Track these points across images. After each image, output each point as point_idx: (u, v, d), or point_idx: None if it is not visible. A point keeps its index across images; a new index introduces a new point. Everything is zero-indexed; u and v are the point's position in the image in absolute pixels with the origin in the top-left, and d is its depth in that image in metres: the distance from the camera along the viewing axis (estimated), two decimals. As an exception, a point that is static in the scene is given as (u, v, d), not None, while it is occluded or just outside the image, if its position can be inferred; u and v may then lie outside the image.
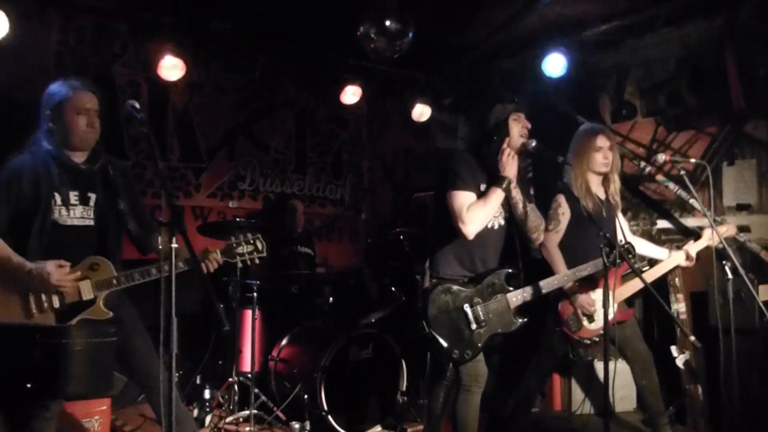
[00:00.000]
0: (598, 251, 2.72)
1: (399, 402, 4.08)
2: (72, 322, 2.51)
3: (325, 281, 4.70)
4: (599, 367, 4.25)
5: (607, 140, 3.37)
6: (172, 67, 4.58)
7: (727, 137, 4.37)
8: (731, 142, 4.35)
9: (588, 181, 3.34)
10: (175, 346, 2.14)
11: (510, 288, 2.94)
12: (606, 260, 2.69)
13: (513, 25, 4.68)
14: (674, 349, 4.10)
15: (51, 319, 2.48)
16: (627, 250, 2.89)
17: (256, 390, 4.00)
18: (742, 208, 4.24)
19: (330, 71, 5.55)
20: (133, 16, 4.68)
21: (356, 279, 5.07)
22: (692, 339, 3.72)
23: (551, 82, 4.85)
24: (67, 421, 3.16)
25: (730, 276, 3.21)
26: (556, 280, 3.08)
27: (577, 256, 3.19)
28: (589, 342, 3.32)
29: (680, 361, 4.06)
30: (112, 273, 2.57)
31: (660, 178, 4.61)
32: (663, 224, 4.63)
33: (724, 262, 3.22)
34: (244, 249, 2.73)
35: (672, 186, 4.54)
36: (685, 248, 3.44)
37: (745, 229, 4.08)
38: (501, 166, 2.87)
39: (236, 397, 4.11)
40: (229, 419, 3.98)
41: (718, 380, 3.40)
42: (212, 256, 2.68)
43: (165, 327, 2.11)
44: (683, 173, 3.25)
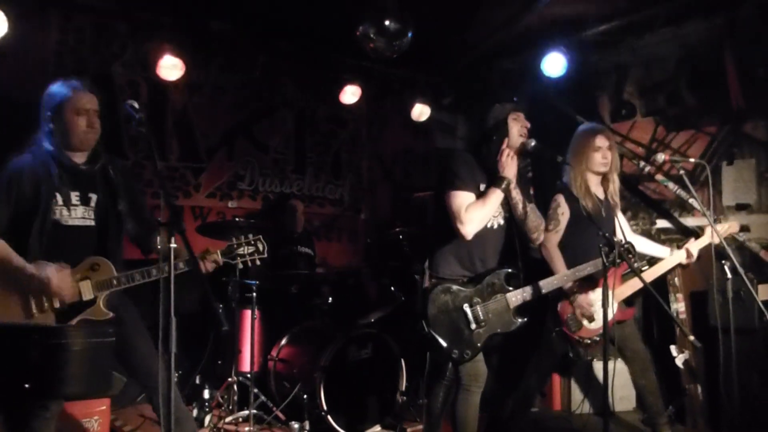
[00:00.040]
0: (598, 251, 2.73)
1: (398, 402, 4.08)
2: (72, 322, 2.51)
3: (324, 281, 4.69)
4: (598, 367, 4.24)
5: (606, 140, 3.37)
6: (171, 67, 4.58)
7: (727, 137, 4.37)
8: (730, 141, 4.35)
9: (587, 181, 3.34)
10: (174, 345, 2.14)
11: (509, 288, 2.94)
12: (605, 260, 2.69)
13: (512, 25, 4.69)
14: (674, 348, 4.11)
15: (51, 320, 2.48)
16: (627, 250, 2.89)
17: (256, 390, 3.99)
18: (741, 207, 4.25)
19: (329, 71, 5.55)
20: (133, 16, 4.68)
21: (355, 279, 5.07)
22: (692, 338, 3.71)
23: (551, 81, 4.85)
24: (66, 421, 3.15)
25: (730, 275, 3.21)
26: (556, 280, 3.08)
27: (577, 255, 3.19)
28: (590, 342, 3.31)
29: (680, 361, 4.07)
30: (113, 273, 2.58)
31: (659, 177, 4.61)
32: (662, 224, 4.63)
33: (724, 262, 3.21)
34: (245, 250, 2.73)
35: (671, 185, 4.55)
36: (686, 247, 3.44)
37: (744, 229, 4.08)
38: (500, 166, 2.87)
39: (235, 397, 4.10)
40: (228, 419, 3.97)
41: (717, 380, 3.40)
42: (212, 257, 2.68)
43: (164, 327, 2.11)
44: (683, 173, 3.24)
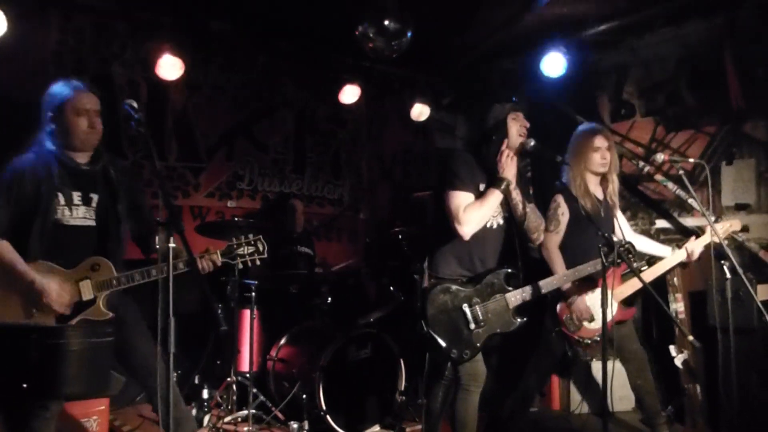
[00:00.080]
0: (597, 251, 2.73)
1: (398, 402, 4.08)
2: (72, 322, 2.52)
3: (323, 281, 4.69)
4: (597, 367, 4.24)
5: (605, 140, 3.36)
6: (171, 67, 4.57)
7: (726, 137, 4.37)
8: (730, 141, 4.35)
9: (586, 181, 3.34)
10: (172, 345, 2.14)
11: (509, 288, 2.94)
12: (604, 260, 2.69)
13: (512, 25, 4.68)
14: (673, 348, 4.11)
15: (51, 319, 2.48)
16: (627, 250, 2.89)
17: (255, 390, 3.99)
18: (740, 207, 4.25)
19: (329, 71, 5.54)
20: (133, 16, 4.67)
21: (355, 279, 5.06)
22: (691, 338, 3.70)
23: (550, 81, 4.85)
24: (65, 421, 3.15)
25: (729, 275, 3.21)
26: (556, 280, 3.08)
27: (577, 256, 3.19)
28: (589, 342, 3.31)
29: (679, 361, 4.07)
30: (113, 273, 2.58)
31: (659, 177, 4.61)
32: (662, 224, 4.63)
33: (723, 262, 3.21)
34: (245, 250, 2.72)
35: (671, 185, 4.54)
36: (685, 246, 3.42)
37: (743, 229, 4.08)
38: (500, 167, 2.86)
39: (235, 397, 4.10)
40: (227, 419, 3.97)
41: (716, 380, 3.40)
42: (211, 257, 2.68)
43: (163, 326, 2.11)
44: (682, 173, 3.24)
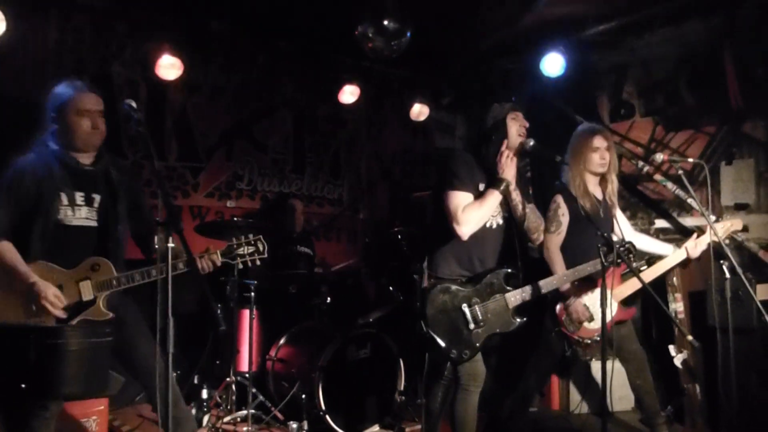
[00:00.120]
0: (597, 251, 2.72)
1: (397, 401, 4.08)
2: (72, 323, 2.51)
3: (323, 281, 4.69)
4: (597, 367, 4.24)
5: (604, 141, 3.35)
6: (170, 67, 4.57)
7: (726, 137, 4.37)
8: (729, 141, 4.35)
9: (585, 181, 3.33)
10: (171, 345, 2.14)
11: (508, 288, 2.94)
12: (604, 260, 2.69)
13: (512, 25, 4.68)
14: (672, 348, 4.11)
15: (51, 320, 2.48)
16: (627, 250, 2.88)
17: (254, 390, 3.99)
18: (740, 207, 4.25)
19: (329, 71, 5.54)
20: (132, 16, 4.67)
21: (354, 279, 5.06)
22: (690, 338, 3.70)
23: (550, 81, 4.85)
24: (65, 421, 3.15)
25: (728, 275, 3.20)
26: (556, 280, 3.08)
27: (576, 256, 3.18)
28: (589, 342, 3.31)
29: (678, 361, 4.07)
30: (113, 274, 2.58)
31: (658, 177, 4.61)
32: (661, 224, 4.63)
33: (722, 262, 3.21)
34: (245, 250, 2.72)
35: (670, 185, 4.55)
36: (684, 246, 3.41)
37: (743, 229, 4.08)
38: (499, 168, 2.86)
39: (234, 397, 4.09)
40: (226, 419, 3.97)
41: (716, 379, 3.41)
42: (211, 257, 2.67)
43: (162, 326, 2.11)
44: (681, 173, 3.24)
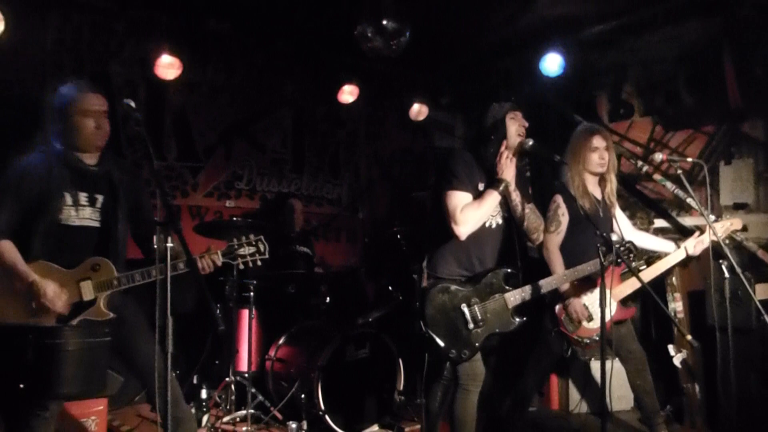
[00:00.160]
0: (596, 251, 2.72)
1: (396, 401, 4.07)
2: (73, 323, 2.51)
3: (322, 281, 4.69)
4: (596, 367, 4.24)
5: (603, 140, 3.36)
6: (169, 66, 4.58)
7: (725, 136, 4.37)
8: (728, 141, 4.35)
9: (584, 181, 3.34)
10: (170, 345, 2.14)
11: (508, 287, 2.94)
12: (603, 260, 2.69)
13: (511, 25, 4.68)
14: (671, 348, 4.11)
15: (50, 319, 2.48)
16: (628, 249, 2.88)
17: (253, 390, 3.98)
18: (739, 207, 4.25)
19: (328, 70, 5.54)
20: (131, 15, 4.67)
21: (353, 278, 5.06)
22: (689, 338, 3.71)
23: (549, 81, 4.85)
24: (65, 421, 3.15)
25: (727, 275, 3.20)
26: (555, 280, 3.08)
27: (576, 256, 3.18)
28: (588, 341, 3.31)
29: (677, 360, 4.07)
30: (113, 274, 2.57)
31: (657, 177, 4.61)
32: (660, 223, 4.63)
33: (722, 261, 3.21)
34: (246, 250, 2.71)
35: (669, 185, 4.54)
36: (684, 244, 3.41)
37: (742, 229, 4.08)
38: (499, 168, 2.86)
39: (233, 397, 4.09)
40: (226, 419, 3.97)
41: (715, 379, 3.42)
42: (212, 257, 2.67)
43: (161, 326, 2.10)
44: (680, 172, 3.24)
